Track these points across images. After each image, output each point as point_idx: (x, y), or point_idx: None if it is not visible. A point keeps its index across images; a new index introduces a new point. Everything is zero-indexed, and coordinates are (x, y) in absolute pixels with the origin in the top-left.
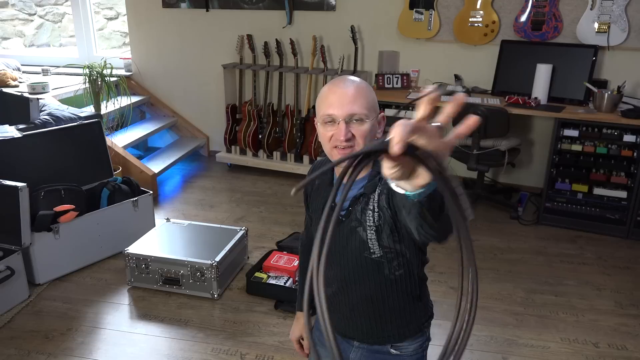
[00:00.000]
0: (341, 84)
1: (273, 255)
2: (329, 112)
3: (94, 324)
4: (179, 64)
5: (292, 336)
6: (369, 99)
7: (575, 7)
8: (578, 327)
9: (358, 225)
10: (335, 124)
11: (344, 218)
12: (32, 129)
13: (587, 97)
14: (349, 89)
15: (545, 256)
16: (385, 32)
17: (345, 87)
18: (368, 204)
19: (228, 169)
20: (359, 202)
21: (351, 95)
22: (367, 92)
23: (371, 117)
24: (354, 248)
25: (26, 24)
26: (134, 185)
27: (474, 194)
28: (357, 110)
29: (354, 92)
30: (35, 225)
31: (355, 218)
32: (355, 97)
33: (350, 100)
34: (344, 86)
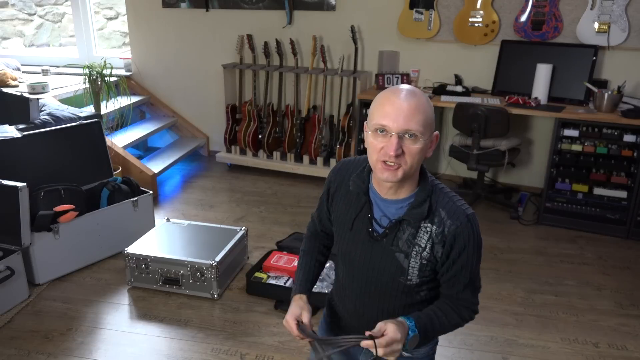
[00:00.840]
0: (401, 95)
1: (273, 255)
2: (383, 122)
3: (93, 324)
4: (179, 64)
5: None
6: (427, 116)
7: (575, 7)
8: (578, 327)
9: (398, 251)
10: (388, 136)
11: (379, 237)
12: (32, 129)
13: (587, 97)
14: (409, 102)
15: (545, 256)
16: (385, 32)
17: (406, 99)
18: (416, 238)
19: (228, 169)
20: (402, 229)
21: (410, 109)
22: (427, 108)
23: (426, 135)
24: (389, 271)
25: (26, 24)
26: (134, 185)
27: (474, 193)
28: (413, 127)
29: (414, 107)
30: (35, 225)
31: (397, 245)
32: (413, 113)
33: (408, 114)
34: (405, 98)
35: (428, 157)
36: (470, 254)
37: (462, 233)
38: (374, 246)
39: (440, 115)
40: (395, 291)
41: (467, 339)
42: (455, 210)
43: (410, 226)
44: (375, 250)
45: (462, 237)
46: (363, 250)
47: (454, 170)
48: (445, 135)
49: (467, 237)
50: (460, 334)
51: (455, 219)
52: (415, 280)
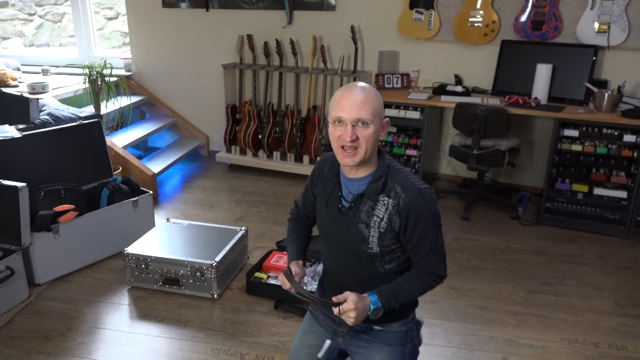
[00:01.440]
0: (353, 91)
1: (273, 255)
2: (339, 114)
3: (93, 324)
4: (179, 64)
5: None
6: (375, 106)
7: (575, 7)
8: (578, 327)
9: (360, 222)
10: (344, 125)
11: (346, 211)
12: (32, 129)
13: (587, 97)
14: (358, 96)
15: (545, 256)
16: (385, 32)
17: (356, 93)
18: (374, 210)
19: (228, 169)
20: (363, 202)
21: (361, 102)
22: (375, 100)
23: (376, 122)
24: (353, 240)
25: (26, 24)
26: (134, 185)
27: (474, 193)
28: (363, 115)
29: (364, 100)
30: (35, 225)
31: (359, 217)
32: (364, 104)
33: (358, 106)
34: (355, 93)
35: (381, 139)
36: (426, 223)
37: (415, 204)
38: (342, 219)
39: (440, 115)
40: (361, 260)
41: (467, 339)
42: (409, 185)
43: (370, 199)
44: (343, 223)
45: (416, 208)
46: (335, 224)
47: (454, 170)
48: (445, 135)
49: (420, 208)
50: (460, 334)
51: (409, 192)
52: (376, 249)
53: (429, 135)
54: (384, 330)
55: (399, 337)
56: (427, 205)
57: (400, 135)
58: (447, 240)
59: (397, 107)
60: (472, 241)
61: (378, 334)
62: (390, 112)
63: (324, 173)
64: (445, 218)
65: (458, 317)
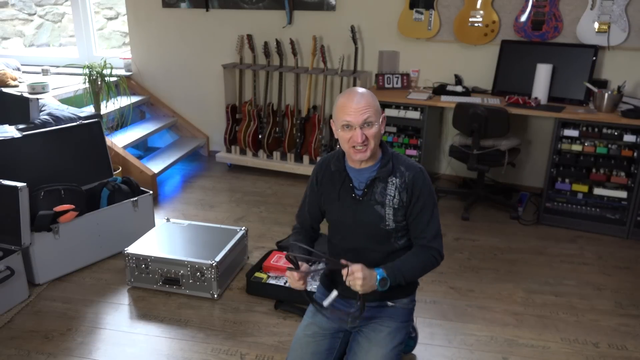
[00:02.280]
0: (354, 97)
1: (273, 255)
2: (347, 119)
3: (93, 324)
4: (179, 64)
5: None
6: (376, 107)
7: (575, 7)
8: (578, 327)
9: (376, 204)
10: (352, 129)
11: (361, 197)
12: (32, 129)
13: (587, 97)
14: (361, 101)
15: (545, 256)
16: (385, 32)
17: (358, 99)
18: (386, 190)
19: (228, 169)
20: (376, 185)
21: (363, 106)
22: (373, 101)
23: (378, 120)
24: (372, 221)
25: (26, 24)
26: (134, 185)
27: (474, 193)
28: (368, 117)
29: (365, 103)
30: (35, 225)
31: (374, 198)
32: (366, 107)
33: (363, 110)
34: (357, 98)
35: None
36: (426, 197)
37: (417, 179)
38: (358, 206)
39: (440, 115)
40: (378, 239)
41: (467, 339)
42: (411, 164)
43: (381, 182)
44: (359, 209)
45: (418, 182)
46: (352, 212)
47: (454, 170)
48: (445, 135)
49: (421, 182)
50: (460, 334)
51: (412, 169)
52: (392, 225)
53: (429, 135)
54: (395, 306)
55: (405, 313)
56: (426, 181)
57: (400, 135)
58: (447, 240)
59: (397, 107)
60: (472, 241)
61: (389, 310)
62: (390, 112)
63: (330, 170)
64: (445, 218)
65: (458, 317)
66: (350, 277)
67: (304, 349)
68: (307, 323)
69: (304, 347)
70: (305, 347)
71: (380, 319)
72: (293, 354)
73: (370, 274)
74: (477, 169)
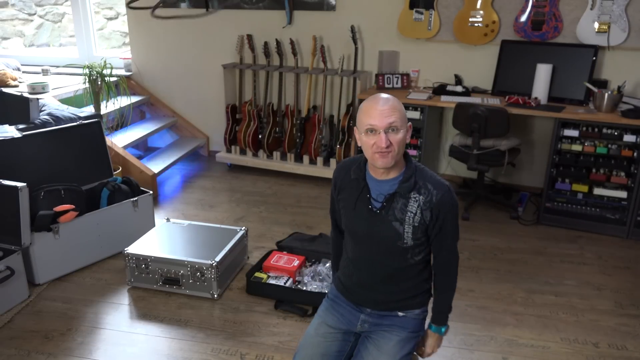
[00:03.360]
0: (380, 101)
1: (273, 255)
2: (371, 123)
3: (93, 324)
4: (179, 64)
5: None
6: (402, 113)
7: (575, 7)
8: (578, 327)
9: (395, 220)
10: (377, 133)
11: (378, 210)
12: (32, 129)
13: (587, 97)
14: (386, 105)
15: (545, 256)
16: (385, 32)
17: (383, 103)
18: (407, 206)
19: (228, 169)
20: (395, 200)
21: (388, 109)
22: (400, 107)
23: (404, 127)
24: (388, 237)
25: (26, 24)
26: (134, 185)
27: (474, 193)
28: (394, 121)
29: (391, 108)
30: (35, 225)
31: (392, 215)
32: (392, 111)
33: (388, 113)
34: (382, 102)
35: (407, 142)
36: (453, 215)
37: (446, 200)
38: (375, 219)
39: (440, 115)
40: (394, 255)
41: (467, 339)
42: (438, 182)
43: (402, 197)
44: (375, 222)
45: (447, 203)
46: (367, 224)
47: (454, 170)
48: (445, 135)
49: (450, 203)
50: (460, 334)
51: (440, 189)
52: (410, 243)
53: (429, 135)
54: (406, 316)
55: (417, 323)
56: (454, 200)
57: None
58: None
59: None
60: (472, 241)
61: (400, 319)
62: None
63: (350, 177)
64: None
65: (458, 317)
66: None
67: (314, 349)
68: (319, 322)
69: (315, 347)
70: (316, 347)
71: (390, 327)
72: (303, 352)
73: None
74: (477, 169)
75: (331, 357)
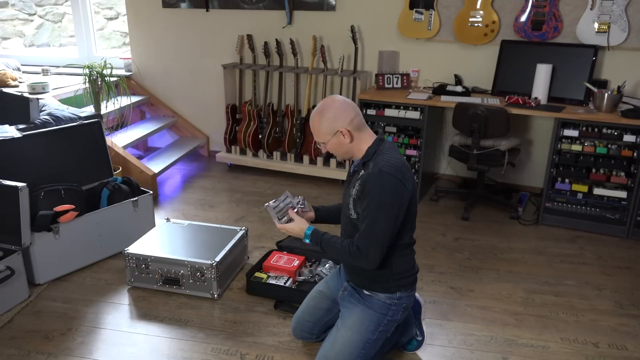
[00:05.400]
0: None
1: (273, 255)
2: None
3: (93, 324)
4: (179, 64)
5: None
6: (321, 130)
7: (575, 7)
8: (578, 327)
9: (349, 193)
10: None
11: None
12: (32, 129)
13: (587, 97)
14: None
15: (545, 256)
16: (385, 32)
17: (310, 121)
18: (357, 182)
19: (228, 169)
20: (355, 177)
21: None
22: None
23: (328, 139)
24: (345, 206)
25: (26, 24)
26: (134, 185)
27: (474, 193)
28: (316, 139)
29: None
30: (35, 225)
31: (350, 186)
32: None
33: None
34: (310, 121)
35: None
36: (372, 200)
37: (371, 179)
38: (346, 190)
39: (441, 116)
40: (351, 225)
41: (467, 339)
42: (377, 163)
43: (357, 174)
44: (345, 193)
45: (370, 182)
46: (343, 194)
47: (454, 170)
48: (445, 135)
49: (373, 184)
50: (460, 334)
51: (373, 168)
52: (354, 215)
53: (429, 135)
54: (371, 296)
55: (381, 306)
56: (380, 185)
57: (400, 135)
58: (447, 240)
59: (397, 107)
60: (472, 241)
61: (367, 298)
62: (390, 112)
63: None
64: (445, 218)
65: (458, 317)
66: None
67: (309, 302)
68: (321, 282)
69: (309, 299)
70: (311, 300)
71: (358, 301)
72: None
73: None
74: (477, 169)
75: (320, 311)
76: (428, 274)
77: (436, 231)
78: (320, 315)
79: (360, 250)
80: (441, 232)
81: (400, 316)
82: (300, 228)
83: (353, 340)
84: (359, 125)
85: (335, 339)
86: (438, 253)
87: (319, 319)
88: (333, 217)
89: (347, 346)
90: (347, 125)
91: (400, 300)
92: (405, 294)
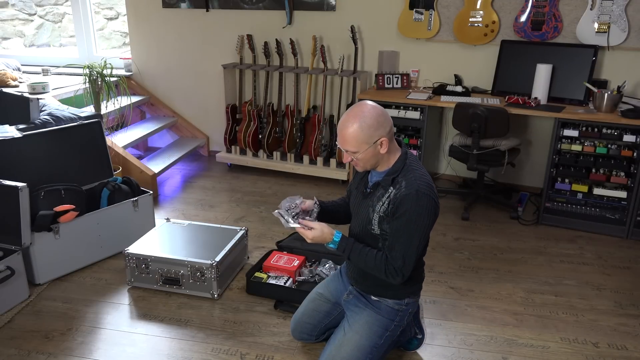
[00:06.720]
0: (343, 122)
1: (273, 255)
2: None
3: (94, 324)
4: (179, 64)
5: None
6: (358, 139)
7: (575, 7)
8: (578, 327)
9: (371, 205)
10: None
11: (365, 194)
12: (32, 129)
13: (587, 97)
14: (343, 130)
15: (545, 256)
16: (385, 32)
17: (343, 127)
18: (382, 197)
19: (228, 169)
20: (378, 189)
21: (343, 136)
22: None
23: (362, 149)
24: (363, 219)
25: (26, 24)
26: (134, 185)
27: (474, 193)
28: (348, 148)
29: (346, 134)
30: (35, 225)
31: (372, 201)
32: (346, 139)
33: (343, 140)
34: (342, 126)
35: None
36: (409, 221)
37: (407, 200)
38: (362, 201)
39: (440, 115)
40: (368, 237)
41: (467, 339)
42: (413, 184)
43: (382, 189)
44: (362, 204)
45: (406, 203)
46: (357, 204)
47: (454, 170)
48: (445, 135)
49: (410, 205)
50: (460, 334)
51: (409, 188)
52: (377, 231)
53: (429, 135)
54: (379, 301)
55: (389, 311)
56: (417, 207)
57: (400, 135)
58: (447, 240)
59: (397, 107)
60: (472, 241)
61: (375, 303)
62: (390, 112)
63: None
64: (445, 218)
65: (458, 317)
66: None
67: (308, 304)
68: (322, 284)
69: (309, 302)
70: (311, 302)
71: (366, 306)
72: (301, 307)
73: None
74: (477, 169)
75: (320, 314)
76: (428, 274)
77: (436, 231)
78: (320, 318)
79: (396, 271)
80: (441, 232)
81: (406, 321)
82: (324, 232)
83: (361, 344)
84: (392, 134)
85: (342, 342)
86: (438, 253)
87: (318, 322)
88: (333, 218)
89: (355, 350)
90: (387, 135)
91: (408, 306)
92: (412, 300)
